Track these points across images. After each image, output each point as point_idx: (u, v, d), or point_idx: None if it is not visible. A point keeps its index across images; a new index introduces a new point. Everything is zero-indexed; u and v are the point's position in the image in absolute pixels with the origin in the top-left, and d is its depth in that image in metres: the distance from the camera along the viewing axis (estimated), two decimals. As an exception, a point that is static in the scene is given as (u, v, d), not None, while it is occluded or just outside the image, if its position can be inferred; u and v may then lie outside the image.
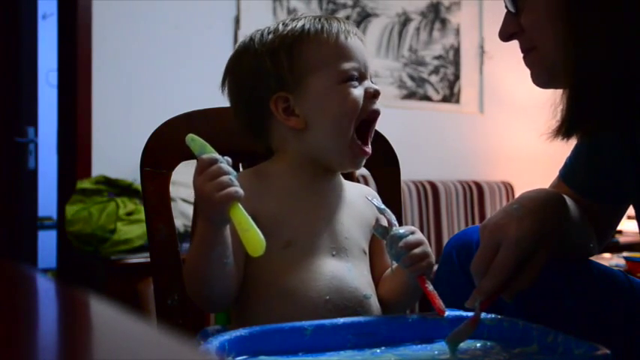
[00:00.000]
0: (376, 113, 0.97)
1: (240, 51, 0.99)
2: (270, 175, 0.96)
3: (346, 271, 0.93)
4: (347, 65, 0.94)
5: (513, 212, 0.87)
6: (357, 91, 0.94)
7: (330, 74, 0.93)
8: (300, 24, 0.95)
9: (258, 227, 0.85)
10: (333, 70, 0.94)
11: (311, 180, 0.97)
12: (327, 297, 0.89)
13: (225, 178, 0.79)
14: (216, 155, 0.81)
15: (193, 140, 0.83)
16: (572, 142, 1.00)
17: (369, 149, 0.96)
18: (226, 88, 1.00)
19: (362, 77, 0.96)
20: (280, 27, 0.96)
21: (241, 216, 0.78)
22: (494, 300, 0.85)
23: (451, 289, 1.02)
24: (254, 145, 1.03)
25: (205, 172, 0.79)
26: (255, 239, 0.77)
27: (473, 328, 0.79)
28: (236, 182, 0.79)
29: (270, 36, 0.96)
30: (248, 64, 0.97)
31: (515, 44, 0.99)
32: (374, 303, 0.94)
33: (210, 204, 0.79)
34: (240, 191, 0.79)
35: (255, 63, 0.96)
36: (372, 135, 0.98)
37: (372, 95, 0.95)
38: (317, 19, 0.96)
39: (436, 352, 0.77)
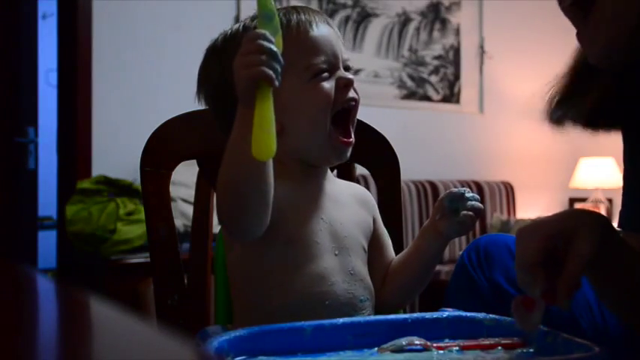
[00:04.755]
0: (352, 101, 0.93)
1: (206, 60, 0.96)
2: None
3: (347, 274, 0.93)
4: (314, 60, 0.90)
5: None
6: (328, 84, 0.90)
7: (297, 73, 0.90)
8: None
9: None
10: (300, 68, 0.90)
11: (302, 181, 0.95)
12: (327, 302, 0.90)
13: (256, 56, 0.74)
14: (263, 32, 0.75)
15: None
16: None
17: (349, 139, 0.93)
18: (202, 98, 0.98)
19: (333, 68, 0.92)
20: (241, 29, 0.93)
21: (265, 107, 0.72)
22: (553, 299, 0.76)
23: (459, 289, 1.06)
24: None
25: (244, 46, 0.76)
26: (266, 140, 0.70)
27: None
28: (273, 64, 0.74)
29: (232, 41, 0.92)
30: (214, 75, 0.94)
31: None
32: (368, 306, 0.94)
33: (238, 80, 0.77)
34: (270, 74, 0.74)
35: (220, 74, 0.92)
36: (354, 124, 0.95)
37: (344, 85, 0.91)
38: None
39: (435, 353, 0.77)
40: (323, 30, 0.92)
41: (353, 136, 0.94)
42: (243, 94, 0.78)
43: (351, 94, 0.93)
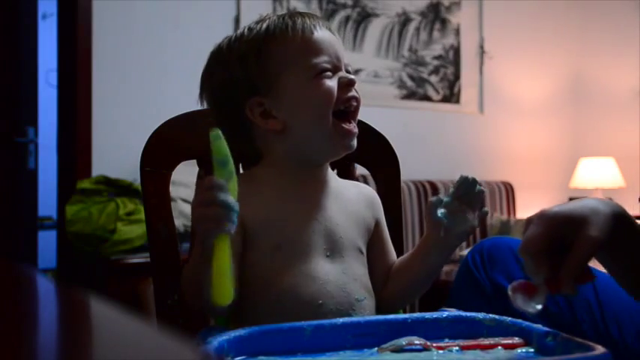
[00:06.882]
0: (354, 100, 0.95)
1: (210, 62, 0.99)
2: (258, 179, 0.96)
3: (340, 273, 0.93)
4: (316, 60, 0.92)
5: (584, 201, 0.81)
6: (330, 82, 0.93)
7: (300, 71, 0.93)
8: (264, 26, 0.95)
9: (246, 232, 0.89)
10: (304, 67, 0.92)
11: (300, 181, 0.96)
12: (320, 301, 0.90)
13: (217, 211, 0.74)
14: (219, 182, 0.75)
15: (217, 140, 0.75)
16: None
17: (353, 127, 0.94)
18: (204, 101, 0.99)
19: (335, 69, 0.94)
20: (246, 32, 0.96)
21: (223, 257, 0.73)
22: (558, 288, 0.77)
23: (463, 289, 1.09)
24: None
25: (202, 194, 0.75)
26: (224, 288, 0.72)
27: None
28: (230, 217, 0.74)
29: (237, 43, 0.96)
30: (219, 75, 0.96)
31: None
32: (367, 305, 0.94)
33: (195, 227, 0.79)
34: (229, 229, 0.74)
35: (225, 73, 0.95)
36: (356, 121, 0.96)
37: (346, 84, 0.94)
38: (281, 19, 0.95)
39: (435, 353, 0.77)
40: (326, 33, 0.96)
41: (356, 128, 0.95)
42: (200, 241, 0.79)
43: (353, 93, 0.94)
